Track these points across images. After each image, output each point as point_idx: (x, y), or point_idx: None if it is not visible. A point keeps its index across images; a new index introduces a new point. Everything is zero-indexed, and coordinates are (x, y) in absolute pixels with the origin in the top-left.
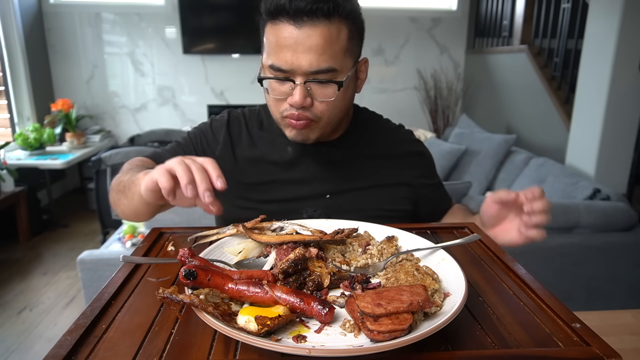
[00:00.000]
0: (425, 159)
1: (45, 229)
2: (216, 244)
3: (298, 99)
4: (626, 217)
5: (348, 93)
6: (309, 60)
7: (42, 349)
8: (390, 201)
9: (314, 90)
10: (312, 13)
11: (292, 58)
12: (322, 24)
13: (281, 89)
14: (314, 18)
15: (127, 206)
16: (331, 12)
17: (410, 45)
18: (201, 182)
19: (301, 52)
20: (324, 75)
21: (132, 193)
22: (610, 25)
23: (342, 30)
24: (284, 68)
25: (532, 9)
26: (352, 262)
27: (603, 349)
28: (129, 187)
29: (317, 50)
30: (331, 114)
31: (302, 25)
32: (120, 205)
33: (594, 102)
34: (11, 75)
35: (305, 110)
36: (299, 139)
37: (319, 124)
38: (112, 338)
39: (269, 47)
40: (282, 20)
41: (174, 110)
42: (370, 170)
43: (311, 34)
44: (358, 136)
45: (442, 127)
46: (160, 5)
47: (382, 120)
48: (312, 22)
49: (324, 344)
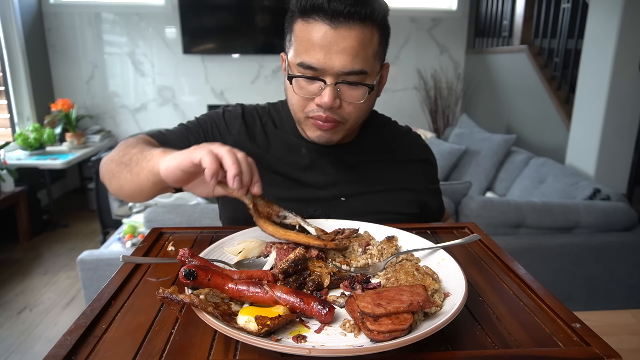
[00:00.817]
0: (432, 166)
1: (45, 229)
2: (216, 243)
3: (327, 99)
4: (626, 217)
5: (373, 97)
6: (343, 61)
7: (42, 349)
8: (402, 204)
9: (343, 92)
10: (349, 15)
11: (325, 58)
12: (358, 27)
13: (309, 88)
14: (351, 21)
15: (129, 182)
16: (368, 16)
17: (410, 45)
18: (247, 173)
19: (335, 52)
20: (355, 77)
21: (141, 168)
22: (610, 25)
23: (375, 34)
24: (316, 66)
25: (532, 9)
26: (352, 262)
27: (603, 349)
28: (138, 162)
29: (351, 52)
30: (357, 116)
31: (338, 26)
32: (120, 179)
33: (594, 102)
34: (11, 75)
35: (333, 112)
36: (323, 141)
37: (345, 126)
38: (112, 338)
39: (298, 45)
40: (317, 19)
41: (174, 110)
42: (382, 173)
43: (346, 36)
44: (370, 139)
45: (442, 127)
46: (160, 5)
47: (391, 122)
48: (348, 24)
49: (324, 344)
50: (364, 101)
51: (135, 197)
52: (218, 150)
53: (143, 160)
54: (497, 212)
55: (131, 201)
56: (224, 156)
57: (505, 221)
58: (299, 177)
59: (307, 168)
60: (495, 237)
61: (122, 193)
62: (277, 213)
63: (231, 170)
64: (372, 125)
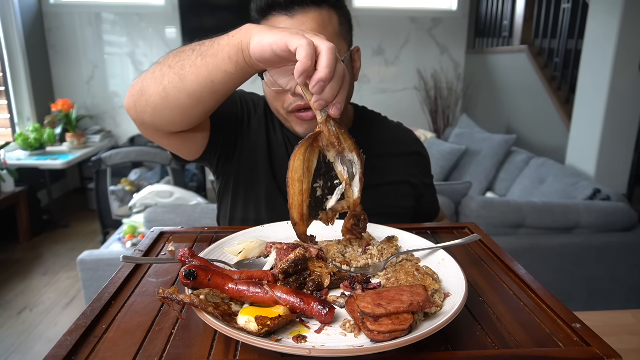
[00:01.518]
0: (424, 159)
1: (45, 229)
2: (216, 243)
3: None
4: (626, 217)
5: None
6: None
7: (42, 349)
8: (398, 198)
9: None
10: (302, 2)
11: None
12: (313, 11)
13: (280, 80)
14: (305, 6)
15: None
16: (320, 0)
17: (410, 45)
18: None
19: None
20: None
21: (221, 46)
22: (610, 25)
23: (332, 16)
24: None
25: (532, 9)
26: (352, 262)
27: (603, 349)
28: (215, 42)
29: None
30: None
31: (294, 14)
32: (183, 68)
33: (594, 102)
34: (11, 75)
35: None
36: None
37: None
38: (112, 338)
39: None
40: (274, 14)
41: None
42: (377, 167)
43: (304, 21)
44: (362, 135)
45: (442, 127)
46: (160, 5)
47: (381, 117)
48: (304, 10)
49: (324, 344)
50: None
51: (196, 97)
52: (319, 43)
53: (225, 37)
54: (497, 212)
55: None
56: (323, 53)
57: (505, 221)
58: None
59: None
60: (495, 237)
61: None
62: (342, 150)
63: (321, 72)
64: (363, 120)
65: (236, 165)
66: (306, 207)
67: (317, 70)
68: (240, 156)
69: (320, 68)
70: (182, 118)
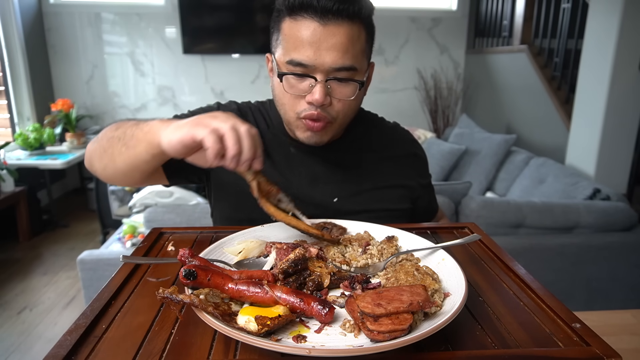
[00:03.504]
0: (421, 160)
1: (45, 229)
2: (216, 243)
3: (319, 96)
4: (626, 217)
5: (361, 95)
6: (333, 57)
7: (42, 349)
8: (394, 201)
9: (334, 89)
10: (338, 12)
11: (315, 54)
12: (346, 24)
13: (299, 86)
14: (339, 18)
15: (123, 156)
16: (356, 14)
17: (410, 45)
18: (248, 152)
19: (325, 49)
20: (345, 74)
21: (138, 141)
22: (610, 25)
23: (362, 32)
24: (306, 63)
25: (532, 9)
26: (352, 262)
27: (603, 349)
28: (134, 135)
29: (340, 48)
30: (346, 114)
31: (327, 23)
32: (112, 155)
33: (594, 102)
34: (11, 75)
35: (323, 109)
36: (313, 142)
37: (333, 125)
38: (112, 338)
39: (287, 43)
40: (305, 16)
41: (174, 110)
42: (372, 170)
43: (336, 32)
44: (359, 137)
45: (442, 127)
46: (160, 5)
47: (378, 119)
48: (337, 20)
49: (324, 344)
50: (353, 98)
51: (128, 174)
52: (220, 127)
53: (140, 131)
54: (497, 212)
55: (121, 183)
56: (226, 135)
57: (505, 221)
58: (288, 176)
59: (296, 167)
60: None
61: (112, 171)
62: (276, 194)
63: (231, 150)
64: (360, 122)
65: (216, 176)
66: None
67: (227, 149)
68: (216, 170)
69: (229, 147)
70: (130, 181)
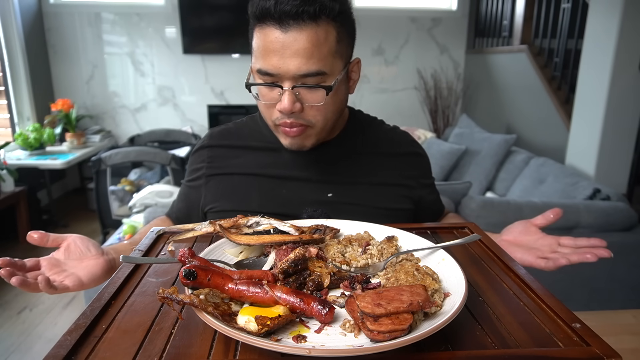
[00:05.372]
0: (423, 160)
1: (45, 229)
2: (216, 243)
3: (287, 104)
4: (626, 217)
5: (339, 96)
6: (296, 64)
7: (42, 349)
8: (392, 200)
9: (303, 95)
10: (297, 16)
11: (279, 62)
12: (309, 27)
13: (270, 94)
14: (300, 21)
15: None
16: (318, 14)
17: (410, 45)
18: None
19: (288, 56)
20: (313, 79)
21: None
22: (610, 25)
23: (330, 32)
24: (271, 72)
25: (532, 9)
26: (352, 262)
27: (603, 349)
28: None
29: (304, 54)
30: (324, 118)
31: (288, 29)
32: None
33: (594, 102)
34: (11, 75)
35: (297, 116)
36: (295, 147)
37: (314, 130)
38: (112, 338)
39: (256, 52)
40: (268, 24)
41: (174, 110)
42: (369, 169)
43: (298, 38)
44: (355, 136)
45: (442, 127)
46: (160, 5)
47: (377, 121)
48: (299, 25)
49: (324, 344)
50: (324, 102)
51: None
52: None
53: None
54: (497, 212)
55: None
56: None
57: (505, 221)
58: (283, 179)
59: (290, 169)
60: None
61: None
62: (246, 223)
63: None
64: (357, 123)
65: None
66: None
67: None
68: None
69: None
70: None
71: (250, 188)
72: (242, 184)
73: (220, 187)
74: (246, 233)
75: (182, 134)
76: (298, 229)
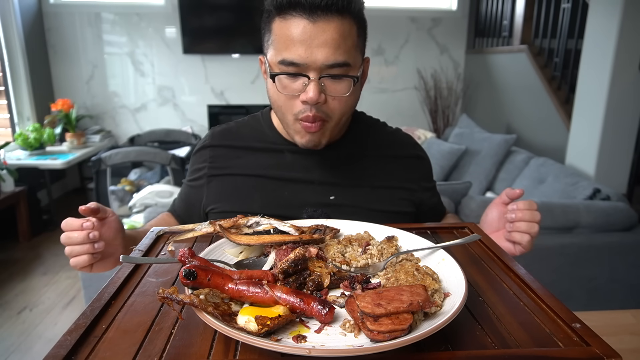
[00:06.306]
0: (424, 163)
1: (45, 229)
2: (216, 243)
3: (313, 94)
4: (626, 217)
5: (358, 91)
6: (325, 53)
7: (42, 349)
8: (393, 203)
9: (328, 87)
10: (327, 8)
11: (306, 52)
12: (336, 19)
13: (293, 85)
14: (328, 13)
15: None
16: (345, 8)
17: (410, 45)
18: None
19: (316, 46)
20: (339, 70)
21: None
22: (610, 25)
23: (353, 26)
24: (298, 62)
25: (532, 9)
26: (352, 262)
27: (603, 349)
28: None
29: (332, 44)
30: (342, 112)
31: (316, 20)
32: None
33: (594, 102)
34: (11, 75)
35: (318, 108)
36: (311, 145)
37: (329, 124)
38: (112, 338)
39: (278, 43)
40: (294, 14)
41: (174, 110)
42: (371, 172)
43: (326, 29)
44: (358, 139)
45: (442, 127)
46: (160, 5)
47: (380, 123)
48: (327, 17)
49: (324, 344)
50: (349, 94)
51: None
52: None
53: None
54: None
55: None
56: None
57: None
58: (285, 181)
59: (293, 171)
60: None
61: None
62: (246, 223)
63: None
64: (359, 125)
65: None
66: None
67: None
68: (219, 189)
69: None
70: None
71: (252, 189)
72: (243, 185)
73: (222, 188)
74: (246, 233)
75: (182, 134)
76: (298, 229)
